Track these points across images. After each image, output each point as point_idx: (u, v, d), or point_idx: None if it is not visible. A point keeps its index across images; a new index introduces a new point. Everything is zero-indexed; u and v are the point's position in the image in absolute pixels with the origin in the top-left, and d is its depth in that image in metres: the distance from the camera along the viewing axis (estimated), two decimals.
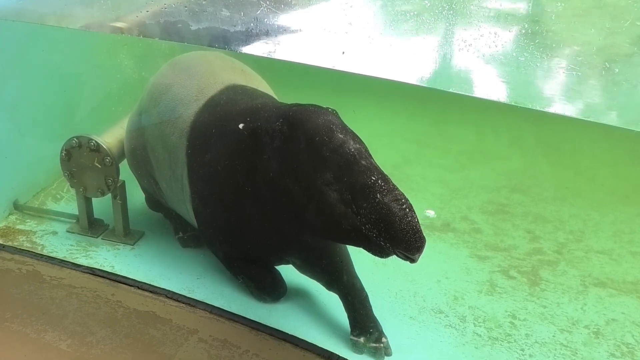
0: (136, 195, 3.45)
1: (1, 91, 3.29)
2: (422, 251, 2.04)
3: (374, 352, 2.53)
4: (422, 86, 2.11)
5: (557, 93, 2.05)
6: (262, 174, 2.37)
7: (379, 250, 2.11)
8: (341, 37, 2.09)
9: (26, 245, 3.18)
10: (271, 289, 2.84)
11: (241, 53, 2.32)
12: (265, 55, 2.20)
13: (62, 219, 3.43)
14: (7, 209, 3.47)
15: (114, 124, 3.34)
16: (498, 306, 2.88)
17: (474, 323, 2.76)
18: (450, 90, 2.08)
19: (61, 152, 3.13)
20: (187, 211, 2.90)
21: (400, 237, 2.01)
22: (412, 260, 2.07)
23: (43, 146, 3.55)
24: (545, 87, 2.08)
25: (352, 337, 2.58)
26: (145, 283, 2.83)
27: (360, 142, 2.21)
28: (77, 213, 3.34)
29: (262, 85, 3.03)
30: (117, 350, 2.42)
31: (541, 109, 2.04)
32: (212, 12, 2.18)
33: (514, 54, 2.03)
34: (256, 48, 2.19)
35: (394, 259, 2.12)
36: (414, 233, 2.01)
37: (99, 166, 3.08)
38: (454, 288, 3.00)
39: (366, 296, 2.64)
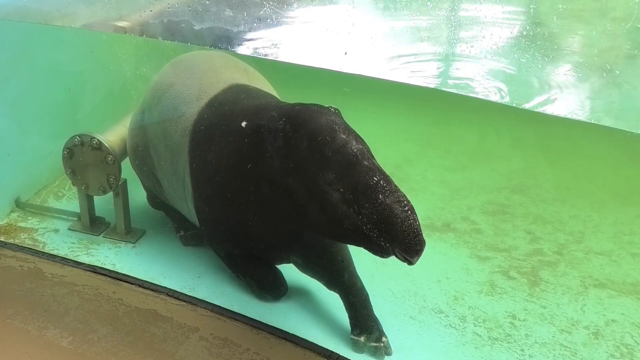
0: (138, 194, 3.46)
1: (4, 89, 3.30)
2: (421, 254, 2.05)
3: (374, 351, 2.54)
4: (423, 86, 2.12)
5: (558, 94, 2.06)
6: (264, 173, 2.38)
7: (379, 250, 2.12)
8: (344, 38, 2.09)
9: (28, 243, 3.19)
10: (272, 288, 2.85)
11: (244, 53, 2.32)
12: (267, 55, 2.21)
13: (64, 216, 3.44)
14: (9, 207, 3.48)
15: (116, 122, 3.35)
16: (498, 306, 2.89)
17: (474, 323, 2.77)
18: (452, 91, 2.09)
19: (63, 150, 3.14)
20: (188, 209, 2.91)
21: (400, 239, 2.02)
22: (410, 263, 2.08)
23: (45, 144, 3.56)
24: (546, 88, 2.09)
25: (352, 336, 2.59)
26: (146, 281, 2.84)
27: (363, 142, 2.22)
28: (78, 211, 3.34)
29: (264, 84, 3.04)
30: (118, 347, 2.43)
31: (542, 110, 2.04)
32: (215, 12, 2.19)
33: (516, 56, 2.04)
34: (259, 48, 2.20)
35: (394, 259, 2.13)
36: (415, 236, 2.02)
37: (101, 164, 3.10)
38: (454, 288, 3.00)
39: (367, 296, 2.65)
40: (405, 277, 3.04)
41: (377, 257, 2.17)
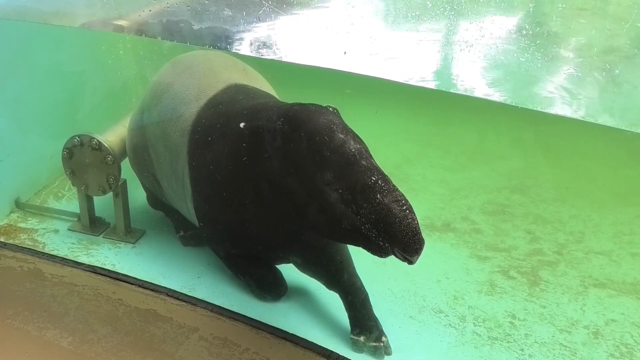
0: (137, 194, 3.46)
1: (3, 89, 3.30)
2: (420, 253, 2.05)
3: (374, 351, 2.54)
4: (423, 87, 2.12)
5: (558, 94, 2.06)
6: (263, 173, 2.38)
7: (378, 249, 2.12)
8: (343, 37, 2.09)
9: (28, 243, 3.19)
10: (272, 288, 2.85)
11: (243, 53, 2.32)
12: (266, 55, 2.21)
13: (64, 217, 3.43)
14: (9, 207, 3.48)
15: (116, 122, 3.35)
16: (498, 306, 2.89)
17: (473, 323, 2.77)
18: (451, 91, 2.09)
19: (63, 151, 3.14)
20: (188, 209, 2.91)
21: (399, 239, 2.02)
22: (410, 262, 2.08)
23: (45, 144, 3.56)
24: (546, 87, 2.09)
25: (352, 336, 2.58)
26: (146, 281, 2.84)
27: (361, 142, 2.22)
28: (78, 211, 3.34)
29: (263, 84, 3.04)
30: (118, 348, 2.43)
31: (542, 110, 2.04)
32: (214, 11, 2.19)
33: (515, 55, 2.04)
34: (258, 48, 2.19)
35: (393, 259, 2.12)
36: (413, 235, 2.01)
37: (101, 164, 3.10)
38: (454, 288, 3.00)
39: (366, 295, 2.65)
40: (405, 276, 3.04)
41: (377, 257, 2.17)
